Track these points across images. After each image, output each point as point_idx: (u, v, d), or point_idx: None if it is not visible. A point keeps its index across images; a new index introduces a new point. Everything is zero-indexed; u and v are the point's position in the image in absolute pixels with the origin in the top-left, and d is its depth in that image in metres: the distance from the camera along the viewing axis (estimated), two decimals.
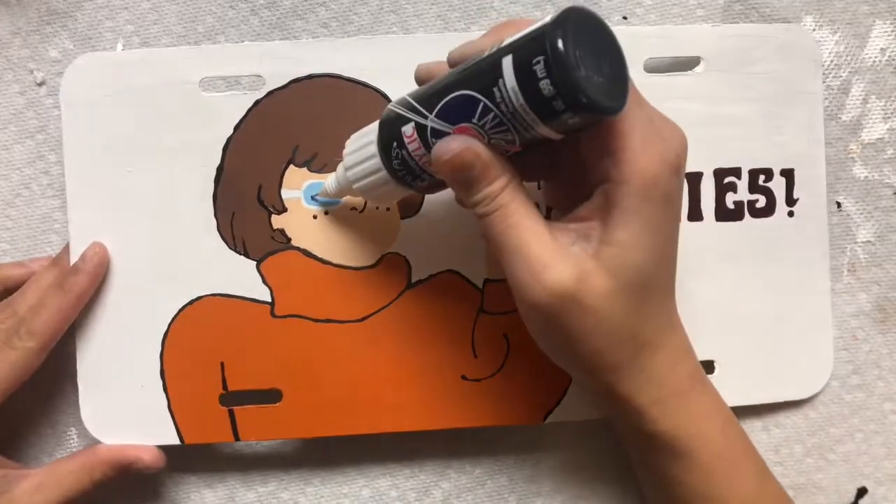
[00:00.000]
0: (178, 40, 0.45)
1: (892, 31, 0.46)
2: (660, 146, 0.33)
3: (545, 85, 0.29)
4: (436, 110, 0.33)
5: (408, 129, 0.34)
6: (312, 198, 0.43)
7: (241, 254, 0.43)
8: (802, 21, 0.46)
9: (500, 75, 0.30)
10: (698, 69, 0.44)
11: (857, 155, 0.46)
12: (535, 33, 0.30)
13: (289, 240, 0.43)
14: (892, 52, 0.46)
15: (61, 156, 0.43)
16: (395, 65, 0.43)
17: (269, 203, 0.42)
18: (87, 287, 0.41)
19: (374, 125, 0.37)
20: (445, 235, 0.43)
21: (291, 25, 0.45)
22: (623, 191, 0.33)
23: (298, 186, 0.42)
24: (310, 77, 0.43)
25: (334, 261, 0.43)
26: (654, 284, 0.35)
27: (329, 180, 0.41)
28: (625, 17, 0.46)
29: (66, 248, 0.42)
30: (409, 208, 0.43)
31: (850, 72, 0.46)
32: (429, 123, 0.33)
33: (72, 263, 0.42)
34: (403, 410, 0.43)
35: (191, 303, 0.42)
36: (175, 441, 0.42)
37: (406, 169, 0.36)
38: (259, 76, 0.43)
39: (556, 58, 0.29)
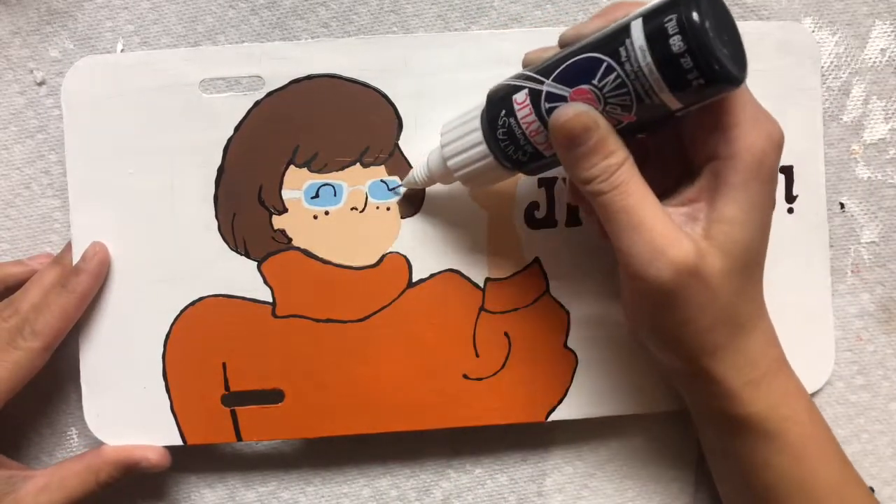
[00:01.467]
0: (178, 40, 0.45)
1: (892, 31, 0.46)
2: (767, 124, 0.34)
3: (676, 41, 0.30)
4: (553, 75, 0.33)
5: (520, 96, 0.34)
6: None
7: (242, 254, 0.43)
8: (802, 23, 0.46)
9: (628, 35, 0.31)
10: None
11: (859, 156, 0.46)
12: (666, 1, 0.30)
13: (290, 240, 0.43)
14: (893, 52, 0.46)
15: (61, 155, 0.43)
16: (394, 64, 0.43)
17: (270, 203, 0.42)
18: (91, 286, 0.41)
19: (478, 103, 0.37)
20: (446, 235, 0.43)
21: (291, 25, 0.45)
22: (733, 166, 0.33)
23: (299, 187, 0.42)
24: (309, 77, 0.43)
25: (335, 261, 0.43)
26: (756, 263, 0.36)
27: (417, 167, 0.40)
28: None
29: (68, 247, 0.42)
30: (410, 208, 0.43)
31: (850, 73, 0.46)
32: (544, 88, 0.33)
33: (73, 264, 0.42)
34: (406, 410, 0.43)
35: (192, 304, 0.42)
36: (178, 442, 0.42)
37: (510, 139, 0.35)
38: (259, 77, 0.42)
39: (689, 17, 0.29)
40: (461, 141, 0.37)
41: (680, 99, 0.31)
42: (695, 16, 0.29)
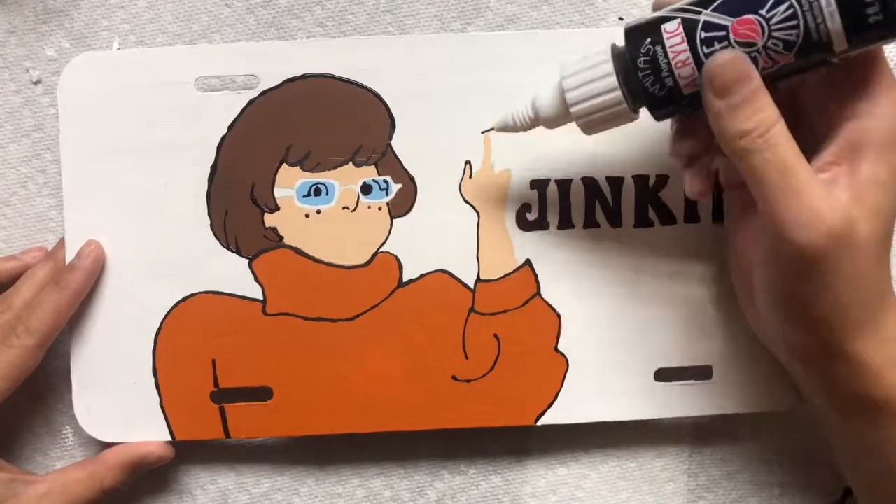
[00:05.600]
0: (173, 39, 0.45)
1: None
2: None
3: None
4: (714, 5, 0.32)
5: (670, 25, 0.33)
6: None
7: (233, 252, 0.43)
8: None
9: None
10: None
11: None
12: None
13: (281, 238, 0.43)
14: (891, 53, 0.46)
15: (57, 154, 0.43)
16: (390, 65, 0.43)
17: (262, 201, 0.43)
18: (84, 284, 0.41)
19: (602, 46, 0.36)
20: (437, 235, 0.43)
21: (287, 24, 0.45)
22: (878, 126, 0.32)
23: (291, 185, 0.43)
24: (304, 77, 0.43)
25: (326, 259, 0.43)
26: (893, 233, 0.34)
27: (517, 109, 0.38)
28: (621, 18, 0.45)
29: (62, 243, 0.43)
30: (401, 207, 0.43)
31: None
32: (701, 17, 0.32)
33: (68, 261, 0.42)
34: (394, 410, 0.43)
35: (183, 300, 0.43)
36: (166, 437, 0.42)
37: (652, 68, 0.33)
38: (253, 76, 0.43)
39: None
40: (587, 72, 0.35)
41: (849, 38, 0.30)
42: None
